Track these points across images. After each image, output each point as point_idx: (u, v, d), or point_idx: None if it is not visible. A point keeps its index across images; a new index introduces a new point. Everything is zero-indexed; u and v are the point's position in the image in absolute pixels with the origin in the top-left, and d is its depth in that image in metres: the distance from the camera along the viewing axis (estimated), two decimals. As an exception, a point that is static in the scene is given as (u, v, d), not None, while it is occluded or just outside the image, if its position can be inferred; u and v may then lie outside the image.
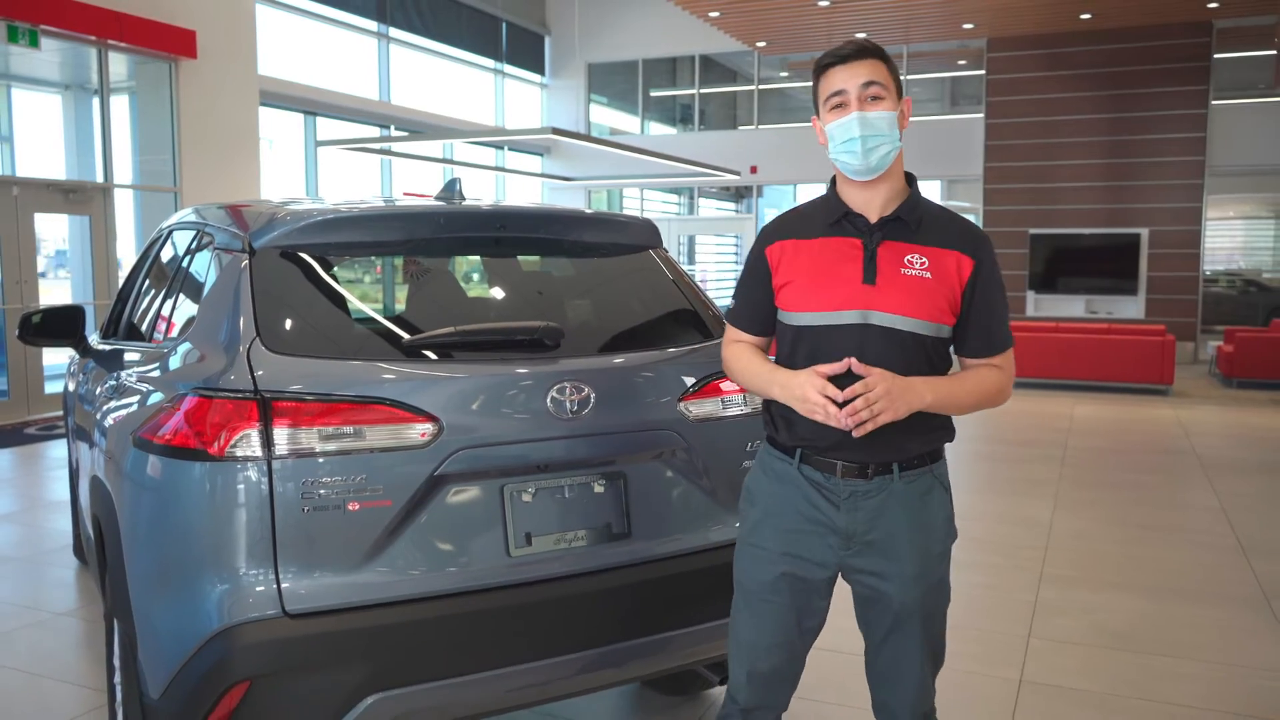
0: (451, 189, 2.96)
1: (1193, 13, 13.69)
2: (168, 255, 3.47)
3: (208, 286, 2.60)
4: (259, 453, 2.15)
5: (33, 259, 9.73)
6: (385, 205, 2.79)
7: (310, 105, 13.99)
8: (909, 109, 2.11)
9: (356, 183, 15.49)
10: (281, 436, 2.17)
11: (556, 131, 11.92)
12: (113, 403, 2.84)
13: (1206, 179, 14.64)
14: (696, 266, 20.93)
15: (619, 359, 2.64)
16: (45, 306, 4.28)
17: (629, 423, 2.53)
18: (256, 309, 2.34)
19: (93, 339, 4.14)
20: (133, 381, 2.77)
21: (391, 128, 15.48)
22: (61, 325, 4.18)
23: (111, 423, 2.74)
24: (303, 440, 2.18)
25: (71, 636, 4.18)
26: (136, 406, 2.57)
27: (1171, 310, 14.69)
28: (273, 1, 13.20)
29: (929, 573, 2.14)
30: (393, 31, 15.53)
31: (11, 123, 11.27)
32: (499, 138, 16.77)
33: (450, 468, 2.30)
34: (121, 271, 10.38)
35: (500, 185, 18.26)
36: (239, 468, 2.15)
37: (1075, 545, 5.44)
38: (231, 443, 2.15)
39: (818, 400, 1.96)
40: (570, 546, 2.46)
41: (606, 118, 19.78)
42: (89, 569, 4.90)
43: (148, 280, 3.70)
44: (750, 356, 2.19)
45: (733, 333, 2.26)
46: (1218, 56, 14.55)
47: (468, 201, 2.93)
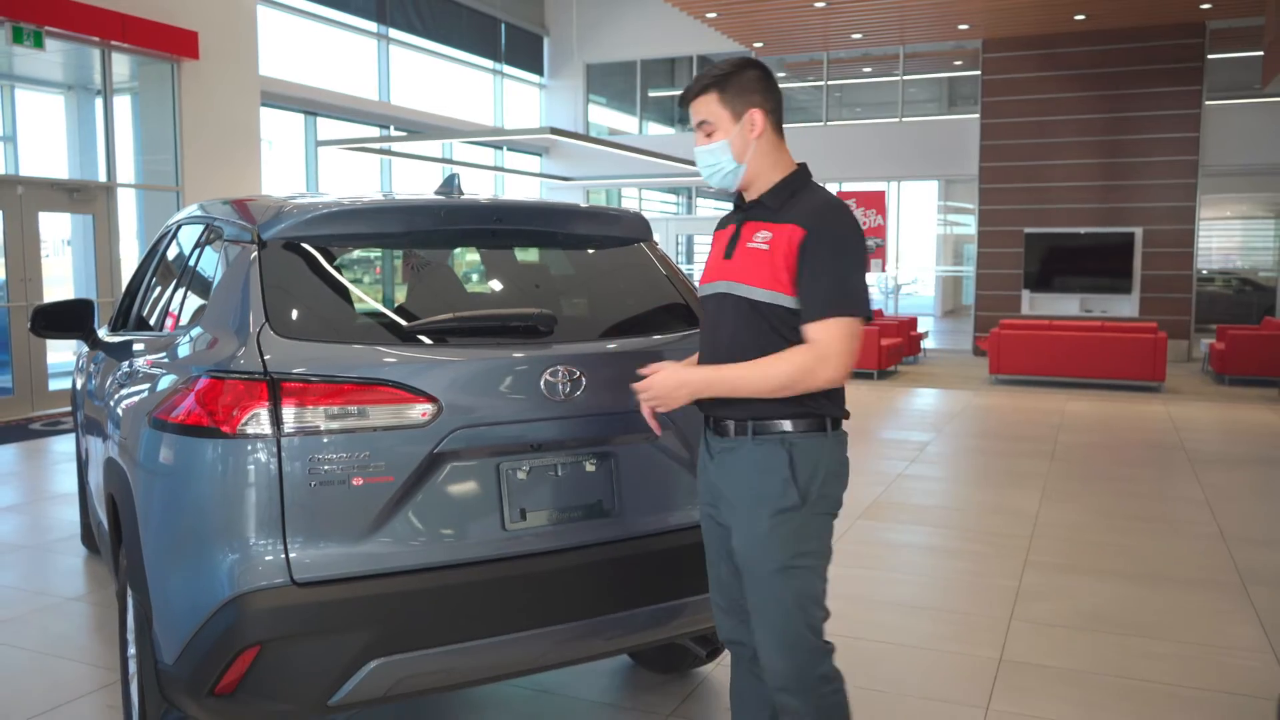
0: (450, 184, 3.09)
1: (1186, 14, 13.83)
2: (177, 249, 3.59)
3: (218, 276, 2.73)
4: (269, 430, 2.28)
5: (37, 257, 9.85)
6: (386, 199, 2.91)
7: (311, 105, 14.11)
8: (756, 119, 2.26)
9: (357, 182, 15.62)
10: (290, 415, 2.30)
11: (555, 131, 12.04)
12: (127, 388, 2.96)
13: (1200, 179, 14.76)
14: (694, 265, 21.06)
15: (610, 345, 2.76)
16: (55, 300, 4.42)
17: (619, 405, 2.65)
18: (265, 296, 2.46)
19: (101, 332, 4.27)
20: (146, 367, 2.89)
21: (391, 128, 15.60)
22: (71, 318, 4.32)
23: (127, 406, 2.87)
24: (310, 419, 2.31)
25: (81, 620, 4.30)
26: (151, 390, 2.70)
27: (1165, 309, 14.82)
28: (273, 3, 13.32)
29: (756, 531, 2.23)
30: (392, 32, 15.66)
31: (15, 123, 11.39)
32: (498, 138, 16.89)
33: (449, 446, 2.42)
34: (124, 269, 10.50)
35: (499, 185, 18.38)
36: (250, 445, 2.27)
37: (1060, 534, 5.57)
38: (243, 421, 2.28)
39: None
40: (562, 522, 2.58)
41: (605, 118, 19.90)
42: (99, 557, 5.02)
43: (157, 273, 3.83)
44: None
45: None
46: (1211, 57, 14.68)
47: (465, 196, 3.06)
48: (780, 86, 2.34)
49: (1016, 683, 3.61)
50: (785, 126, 2.37)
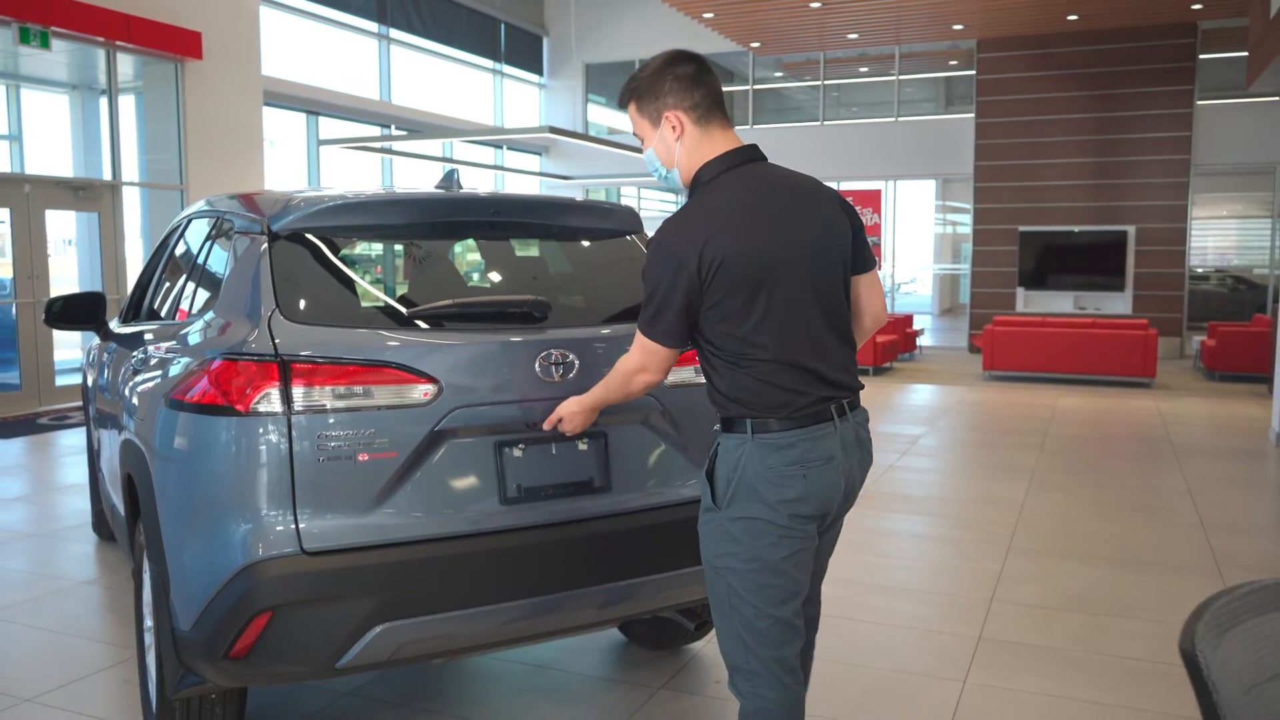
0: (449, 179, 3.24)
1: (1178, 14, 13.98)
2: (189, 241, 3.75)
3: (230, 266, 2.88)
4: (279, 409, 2.43)
5: (44, 254, 10.00)
6: (389, 192, 3.06)
7: (312, 105, 14.26)
8: (673, 125, 2.23)
9: (358, 181, 15.75)
10: (299, 395, 2.45)
11: (554, 130, 12.19)
12: (143, 373, 3.11)
13: (1192, 177, 14.91)
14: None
15: (603, 330, 2.91)
16: (67, 293, 4.59)
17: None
18: (276, 284, 2.62)
19: (112, 324, 4.43)
20: (161, 353, 3.05)
21: (392, 127, 15.75)
22: (84, 310, 4.49)
23: (143, 390, 3.02)
24: (318, 398, 2.46)
25: (95, 601, 4.45)
26: (167, 373, 2.85)
27: (1158, 306, 14.97)
28: (276, 3, 13.47)
29: (699, 524, 2.28)
30: (393, 32, 15.80)
31: (20, 122, 11.54)
32: (498, 137, 17.04)
33: (448, 424, 2.57)
34: (129, 267, 10.65)
35: (499, 184, 18.53)
36: (262, 422, 2.43)
37: (1044, 522, 5.72)
38: (255, 400, 2.43)
39: None
40: (557, 497, 2.73)
41: (604, 117, 20.04)
42: (110, 544, 5.17)
43: (168, 266, 3.99)
44: None
45: None
46: (1203, 57, 14.83)
47: (464, 190, 3.21)
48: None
49: (994, 658, 3.76)
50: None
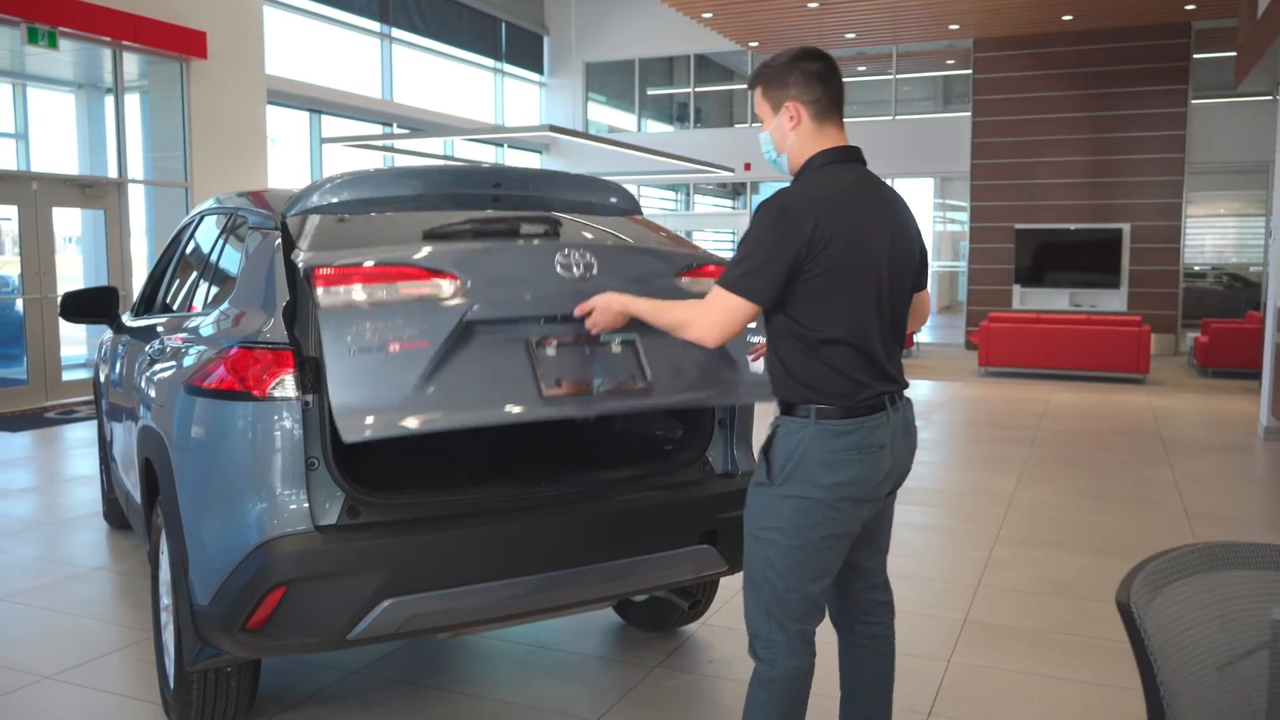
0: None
1: (1172, 14, 14.10)
2: (201, 237, 3.89)
3: (244, 259, 3.02)
4: (293, 394, 2.57)
5: (51, 251, 10.13)
6: (392, 167, 3.20)
7: (315, 104, 14.40)
8: (791, 114, 2.36)
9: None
10: (322, 294, 2.58)
11: (554, 129, 12.33)
12: (161, 362, 3.25)
13: (1186, 176, 15.04)
14: (692, 262, 21.32)
15: (620, 242, 3.01)
16: (82, 288, 4.73)
17: (634, 291, 2.71)
18: (289, 275, 2.75)
19: (125, 318, 4.57)
20: (179, 343, 3.18)
21: (394, 125, 15.89)
22: (98, 304, 4.63)
23: (161, 378, 3.15)
24: (344, 294, 2.59)
25: (108, 586, 4.59)
26: (185, 361, 2.99)
27: (1153, 303, 15.10)
28: (279, 3, 13.60)
29: (748, 496, 2.41)
30: (395, 32, 15.94)
31: (27, 120, 11.67)
32: (498, 135, 17.18)
33: (475, 316, 2.64)
34: (135, 263, 10.79)
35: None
36: (277, 407, 2.56)
37: (1032, 513, 5.86)
38: (271, 386, 2.57)
39: None
40: (596, 391, 2.75)
41: (604, 116, 20.18)
42: (120, 532, 5.31)
43: (181, 261, 4.13)
44: None
45: None
46: (1197, 57, 14.95)
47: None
48: (840, 84, 2.36)
49: (978, 640, 3.90)
50: None
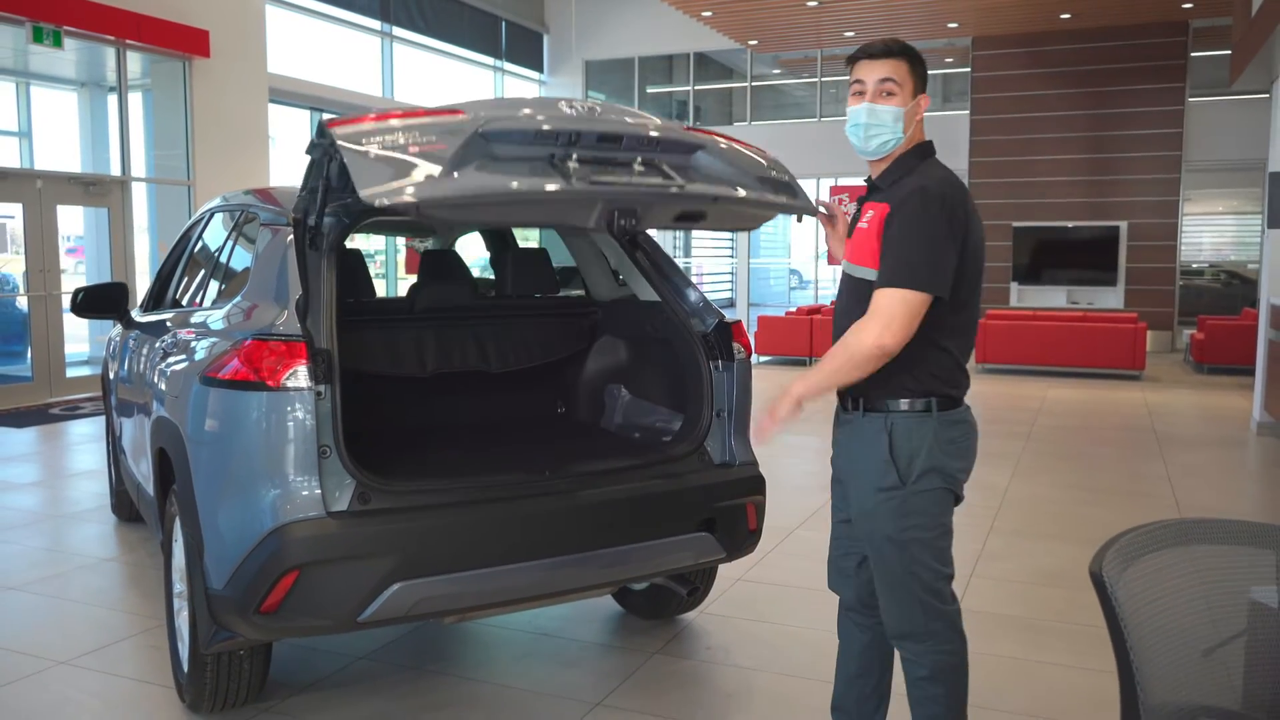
0: None
1: (1169, 13, 14.19)
2: (211, 235, 3.98)
3: (256, 255, 3.11)
4: (306, 384, 2.66)
5: (55, 249, 10.21)
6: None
7: (317, 102, 14.47)
8: (924, 105, 2.40)
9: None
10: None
11: (554, 127, 12.38)
12: (174, 355, 3.34)
13: (1183, 174, 15.13)
14: (691, 260, 21.44)
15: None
16: (93, 284, 4.82)
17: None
18: (300, 269, 2.84)
19: (134, 314, 4.66)
20: (192, 336, 3.27)
21: (394, 124, 15.94)
22: (109, 300, 4.73)
23: (175, 370, 3.24)
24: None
25: (118, 576, 4.68)
26: (200, 354, 3.07)
27: (1150, 300, 15.19)
28: (281, 2, 13.68)
29: (865, 505, 2.41)
30: (395, 30, 16.02)
31: (30, 119, 11.76)
32: (499, 134, 17.21)
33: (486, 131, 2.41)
34: (138, 261, 10.88)
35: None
36: (290, 397, 2.65)
37: (1026, 506, 5.95)
38: (285, 376, 2.66)
39: None
40: (630, 178, 2.53)
41: (603, 114, 20.24)
42: (128, 524, 5.40)
43: (191, 258, 4.21)
44: None
45: None
46: (1194, 55, 15.04)
47: None
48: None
49: (970, 627, 3.96)
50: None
